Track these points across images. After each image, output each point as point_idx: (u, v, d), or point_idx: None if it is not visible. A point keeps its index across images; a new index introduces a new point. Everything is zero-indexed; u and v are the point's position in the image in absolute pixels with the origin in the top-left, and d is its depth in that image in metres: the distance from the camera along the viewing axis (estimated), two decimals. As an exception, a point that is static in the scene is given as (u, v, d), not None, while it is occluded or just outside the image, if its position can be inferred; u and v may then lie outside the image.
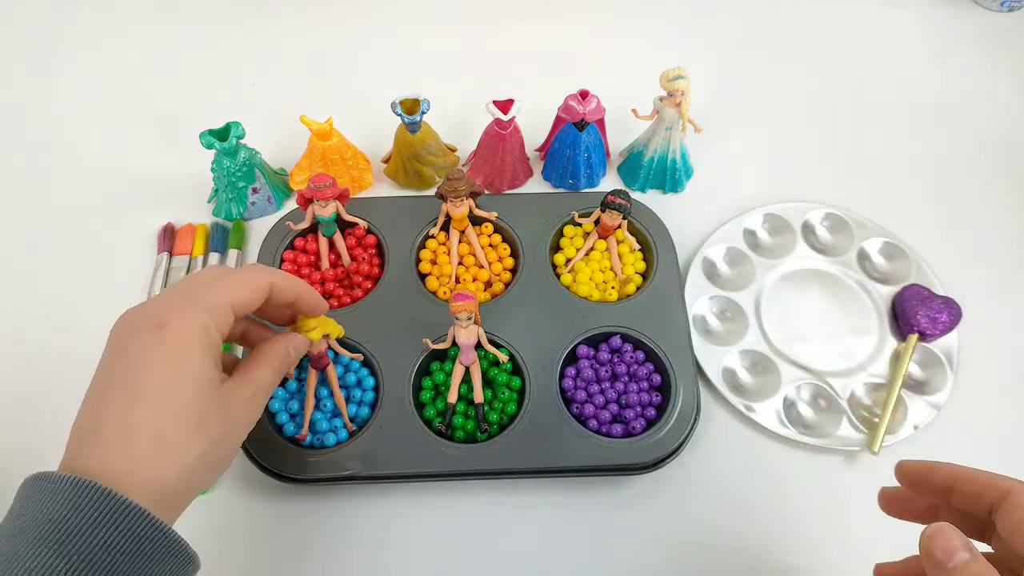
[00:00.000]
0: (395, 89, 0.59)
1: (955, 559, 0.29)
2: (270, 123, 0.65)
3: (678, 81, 0.55)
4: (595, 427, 0.51)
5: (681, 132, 0.60)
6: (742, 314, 0.58)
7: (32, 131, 0.70)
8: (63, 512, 0.30)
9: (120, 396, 0.34)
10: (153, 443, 0.33)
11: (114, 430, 0.33)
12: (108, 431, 0.33)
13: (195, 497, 0.36)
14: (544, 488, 0.51)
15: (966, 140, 0.70)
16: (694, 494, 0.51)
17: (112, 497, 0.31)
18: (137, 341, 0.35)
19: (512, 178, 0.64)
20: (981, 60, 0.76)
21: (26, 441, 0.52)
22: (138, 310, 0.37)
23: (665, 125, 0.60)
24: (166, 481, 0.33)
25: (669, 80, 0.56)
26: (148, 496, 0.32)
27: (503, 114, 0.58)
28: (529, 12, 0.79)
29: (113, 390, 0.34)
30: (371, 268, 0.58)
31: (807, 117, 0.72)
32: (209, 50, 0.76)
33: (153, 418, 0.33)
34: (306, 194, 0.56)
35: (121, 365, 0.35)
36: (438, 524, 0.50)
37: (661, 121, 0.60)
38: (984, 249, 0.63)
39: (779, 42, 0.78)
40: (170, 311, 0.36)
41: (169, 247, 0.60)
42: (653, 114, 0.60)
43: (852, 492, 0.52)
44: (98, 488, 0.31)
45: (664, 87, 0.56)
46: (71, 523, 0.30)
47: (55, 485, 0.31)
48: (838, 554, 0.49)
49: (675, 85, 0.56)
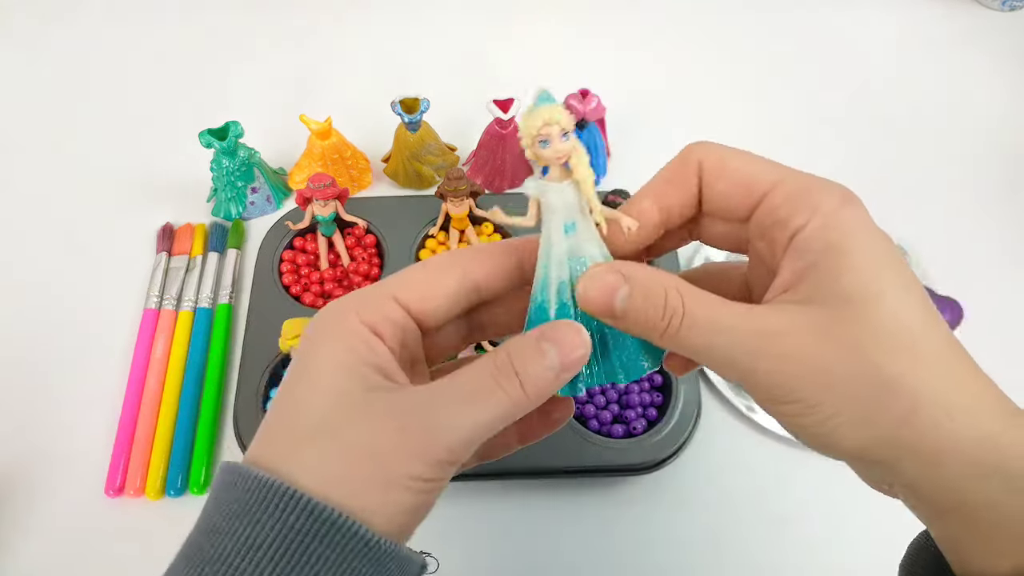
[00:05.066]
0: (395, 88, 0.59)
1: (618, 296, 0.25)
2: (269, 122, 0.64)
3: (551, 128, 0.25)
4: (596, 427, 0.51)
5: (594, 227, 0.27)
6: (743, 314, 0.57)
7: (31, 131, 0.69)
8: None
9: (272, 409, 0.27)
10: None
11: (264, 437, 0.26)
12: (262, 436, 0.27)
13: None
14: (545, 489, 0.51)
15: (967, 140, 0.70)
16: (695, 495, 0.51)
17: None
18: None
19: (512, 178, 0.64)
20: (982, 60, 0.76)
21: (26, 441, 0.52)
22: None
23: (559, 222, 0.26)
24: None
25: (538, 129, 0.25)
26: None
27: (503, 113, 0.58)
28: (529, 11, 0.79)
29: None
30: (370, 268, 0.58)
31: (807, 116, 0.71)
32: (208, 49, 0.76)
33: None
34: (305, 193, 0.56)
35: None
36: (437, 525, 0.50)
37: (550, 220, 0.27)
38: (985, 249, 0.63)
39: (779, 42, 0.77)
40: (321, 314, 0.27)
41: (168, 247, 0.60)
42: (533, 209, 0.27)
43: (853, 492, 0.51)
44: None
45: (530, 150, 0.26)
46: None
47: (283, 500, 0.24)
48: (839, 554, 0.49)
49: (550, 132, 0.25)
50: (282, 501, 0.23)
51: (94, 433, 0.51)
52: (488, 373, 0.24)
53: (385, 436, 0.24)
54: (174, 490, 0.49)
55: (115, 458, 0.50)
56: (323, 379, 0.25)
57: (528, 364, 0.24)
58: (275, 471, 0.24)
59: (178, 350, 0.54)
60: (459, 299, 0.28)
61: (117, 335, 0.56)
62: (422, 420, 0.24)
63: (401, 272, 0.28)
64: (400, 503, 0.24)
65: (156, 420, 0.51)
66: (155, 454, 0.50)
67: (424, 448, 0.24)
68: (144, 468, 0.50)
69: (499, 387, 0.24)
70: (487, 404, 0.24)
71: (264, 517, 0.23)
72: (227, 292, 0.58)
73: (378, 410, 0.24)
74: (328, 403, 0.25)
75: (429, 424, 0.24)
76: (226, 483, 0.24)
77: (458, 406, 0.24)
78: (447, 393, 0.25)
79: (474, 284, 0.28)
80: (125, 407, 0.52)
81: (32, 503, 0.49)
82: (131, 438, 0.51)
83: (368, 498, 0.24)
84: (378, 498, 0.24)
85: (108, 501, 0.49)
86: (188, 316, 0.56)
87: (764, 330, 0.24)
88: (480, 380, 0.25)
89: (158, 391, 0.53)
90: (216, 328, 0.56)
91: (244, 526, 0.23)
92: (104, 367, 0.54)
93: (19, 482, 0.50)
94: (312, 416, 0.25)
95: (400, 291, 0.27)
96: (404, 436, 0.24)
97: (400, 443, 0.24)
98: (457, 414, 0.24)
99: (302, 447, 0.24)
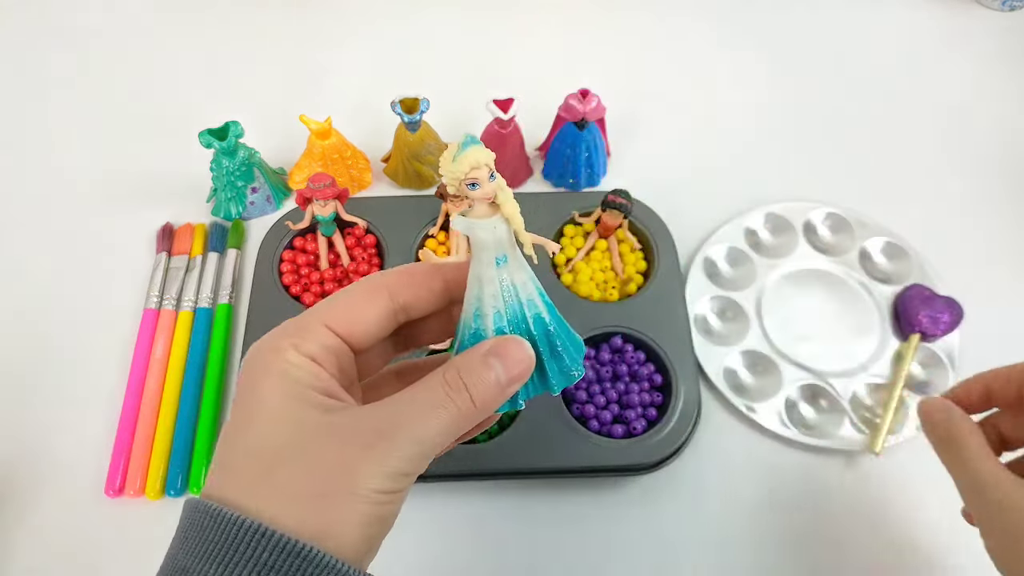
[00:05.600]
0: (395, 88, 0.59)
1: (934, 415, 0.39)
2: (269, 122, 0.64)
3: (479, 171, 0.25)
4: (596, 427, 0.51)
5: (522, 256, 0.28)
6: (743, 314, 0.57)
7: (31, 131, 0.69)
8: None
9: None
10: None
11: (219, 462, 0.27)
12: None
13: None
14: (545, 489, 0.51)
15: (968, 139, 0.70)
16: (695, 495, 0.51)
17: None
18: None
19: (512, 177, 0.64)
20: (983, 59, 0.76)
21: (26, 441, 0.52)
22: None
23: (490, 256, 0.27)
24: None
25: (466, 173, 0.25)
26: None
27: (503, 113, 0.58)
28: (530, 12, 0.79)
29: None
30: (370, 268, 0.58)
31: (808, 116, 0.71)
32: (208, 49, 0.76)
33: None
34: (305, 193, 0.56)
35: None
36: (437, 526, 0.50)
37: (481, 255, 0.27)
38: (986, 249, 0.63)
39: (780, 41, 0.77)
40: (257, 350, 0.28)
41: (168, 247, 0.60)
42: (464, 244, 0.30)
43: (853, 493, 0.51)
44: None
45: (453, 185, 0.26)
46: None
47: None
48: (839, 554, 0.49)
49: (479, 175, 0.26)
50: (253, 539, 0.23)
51: (94, 433, 0.51)
52: (441, 388, 0.26)
53: (351, 452, 0.25)
54: (174, 490, 0.49)
55: (115, 458, 0.50)
56: (277, 409, 0.26)
57: (476, 378, 0.26)
58: (240, 506, 0.24)
59: (178, 350, 0.54)
60: (388, 321, 0.29)
61: (117, 335, 0.56)
62: (383, 435, 0.25)
63: (329, 299, 0.29)
64: (367, 516, 0.25)
65: (156, 420, 0.51)
66: (155, 454, 0.50)
67: (387, 462, 0.25)
68: (144, 468, 0.50)
69: (451, 401, 0.26)
70: (441, 417, 0.26)
71: (236, 557, 0.23)
72: (227, 292, 0.58)
73: (339, 430, 0.25)
74: (288, 430, 0.25)
75: (391, 438, 0.25)
76: (194, 523, 0.25)
77: (416, 420, 0.26)
78: (404, 410, 0.26)
79: (402, 305, 0.29)
80: (125, 407, 0.52)
81: (32, 503, 0.49)
82: (131, 438, 0.51)
83: (337, 514, 0.25)
84: (347, 515, 0.25)
85: (108, 501, 0.49)
86: (188, 316, 0.56)
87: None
88: (434, 395, 0.26)
89: (158, 391, 0.53)
90: (216, 328, 0.56)
91: (216, 567, 0.23)
92: (104, 367, 0.54)
93: (19, 482, 0.50)
94: (272, 444, 0.25)
95: (330, 318, 0.28)
96: (369, 452, 0.25)
97: (365, 458, 0.25)
98: (416, 428, 0.26)
99: (268, 476, 0.25)
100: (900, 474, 0.51)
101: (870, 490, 0.51)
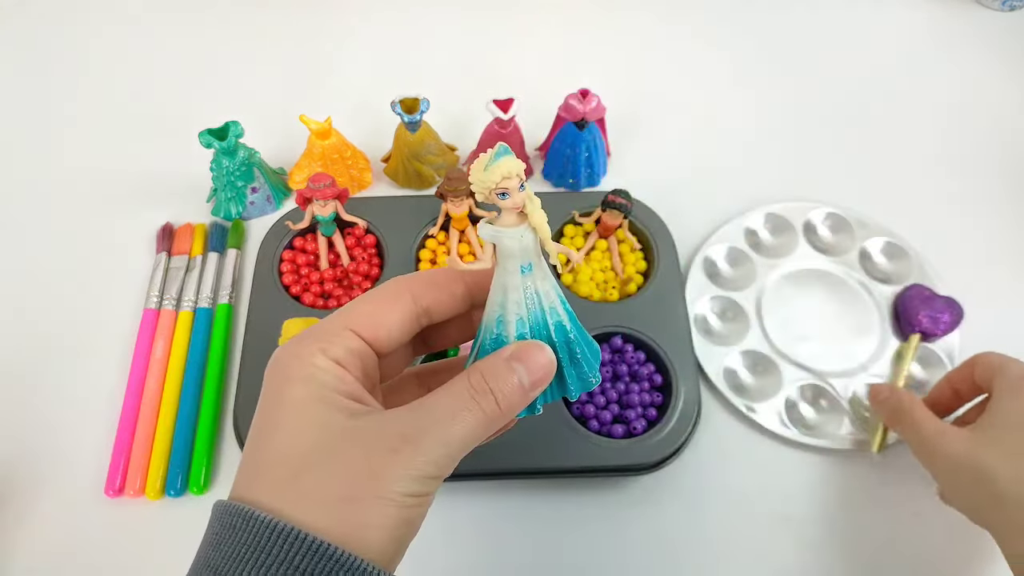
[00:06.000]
0: (395, 88, 0.59)
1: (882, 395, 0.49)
2: (269, 122, 0.64)
3: (511, 180, 0.26)
4: (596, 427, 0.51)
5: (546, 266, 0.29)
6: (743, 314, 0.57)
7: (30, 131, 0.69)
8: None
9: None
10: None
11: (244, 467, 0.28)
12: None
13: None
14: (545, 489, 0.51)
15: (968, 139, 0.70)
16: (695, 495, 0.51)
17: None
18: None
19: (512, 177, 0.64)
20: (983, 59, 0.76)
21: (26, 441, 0.52)
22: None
23: (516, 264, 0.28)
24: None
25: (497, 183, 0.26)
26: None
27: (503, 113, 0.58)
28: (530, 12, 0.79)
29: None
30: (370, 268, 0.58)
31: (808, 116, 0.71)
32: (208, 49, 0.76)
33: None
34: (305, 193, 0.56)
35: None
36: (437, 526, 0.50)
37: (507, 263, 0.28)
38: (986, 249, 0.63)
39: (780, 41, 0.77)
40: (284, 355, 0.28)
41: (168, 247, 0.60)
42: (490, 251, 0.31)
43: (853, 492, 0.51)
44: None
45: (483, 194, 0.27)
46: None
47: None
48: (839, 555, 0.49)
49: (510, 185, 0.26)
50: (287, 543, 0.24)
51: (94, 433, 0.51)
52: (466, 392, 0.27)
53: (378, 457, 0.25)
54: (174, 490, 0.49)
55: (115, 458, 0.50)
56: (303, 413, 0.26)
57: (500, 382, 0.27)
58: (272, 509, 0.25)
59: (178, 350, 0.54)
60: (411, 324, 0.30)
61: (117, 335, 0.56)
62: (409, 439, 0.26)
63: (353, 303, 0.30)
64: (395, 519, 0.25)
65: (156, 420, 0.51)
66: (155, 454, 0.50)
67: (414, 465, 0.25)
68: (144, 468, 0.50)
69: (477, 404, 0.27)
70: (467, 420, 0.26)
71: (269, 560, 0.24)
72: (227, 292, 0.58)
73: (366, 434, 0.26)
74: (314, 434, 0.26)
75: (418, 442, 0.26)
76: (226, 525, 0.25)
77: (442, 424, 0.26)
78: (430, 414, 0.26)
79: (424, 309, 0.30)
80: (125, 407, 0.52)
81: (32, 503, 0.49)
82: (131, 438, 0.51)
83: (365, 518, 0.25)
84: (375, 519, 0.25)
85: (108, 501, 0.49)
86: (188, 316, 0.56)
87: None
88: (459, 399, 0.27)
89: (158, 391, 0.53)
90: (216, 328, 0.56)
91: (250, 568, 0.24)
92: (104, 367, 0.54)
93: (19, 482, 0.50)
94: (299, 448, 0.26)
95: (355, 322, 0.28)
96: (395, 456, 0.25)
97: (392, 462, 0.25)
98: (442, 431, 0.26)
99: (296, 480, 0.25)
100: (900, 474, 0.51)
101: (870, 490, 0.52)
